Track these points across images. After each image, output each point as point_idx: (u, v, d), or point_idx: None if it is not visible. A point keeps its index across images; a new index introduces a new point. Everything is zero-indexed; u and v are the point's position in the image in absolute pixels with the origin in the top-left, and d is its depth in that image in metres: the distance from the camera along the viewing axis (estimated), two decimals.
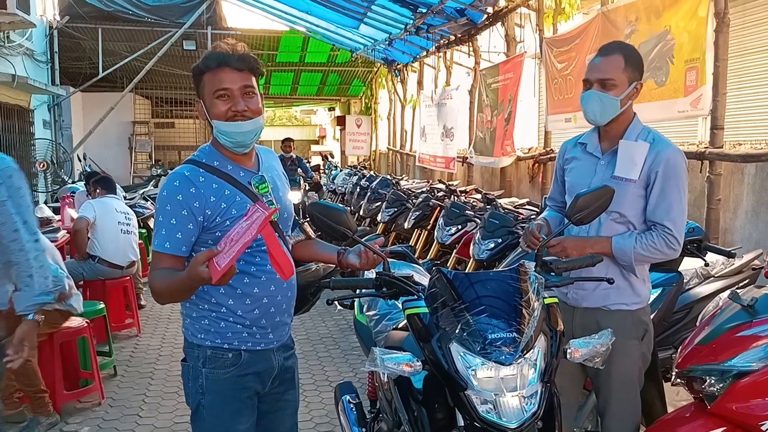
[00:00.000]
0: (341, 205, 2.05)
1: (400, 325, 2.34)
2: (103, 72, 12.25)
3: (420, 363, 1.75)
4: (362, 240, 2.02)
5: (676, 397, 3.09)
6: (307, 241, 2.09)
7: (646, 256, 2.17)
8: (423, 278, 2.46)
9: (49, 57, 11.96)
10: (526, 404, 1.65)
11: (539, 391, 1.67)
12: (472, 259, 4.61)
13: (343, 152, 17.87)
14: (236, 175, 1.86)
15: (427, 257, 5.57)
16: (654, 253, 2.16)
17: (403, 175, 11.18)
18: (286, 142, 9.93)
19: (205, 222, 1.81)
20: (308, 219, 2.02)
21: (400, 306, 1.99)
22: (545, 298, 1.80)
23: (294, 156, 9.91)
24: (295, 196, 8.17)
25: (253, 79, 1.83)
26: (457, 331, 1.69)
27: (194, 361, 1.91)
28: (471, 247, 4.63)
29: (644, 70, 4.55)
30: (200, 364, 1.89)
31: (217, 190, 1.81)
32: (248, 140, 1.84)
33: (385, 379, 2.24)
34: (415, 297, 1.87)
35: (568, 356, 1.79)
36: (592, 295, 2.21)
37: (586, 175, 2.28)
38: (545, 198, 2.67)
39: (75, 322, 3.97)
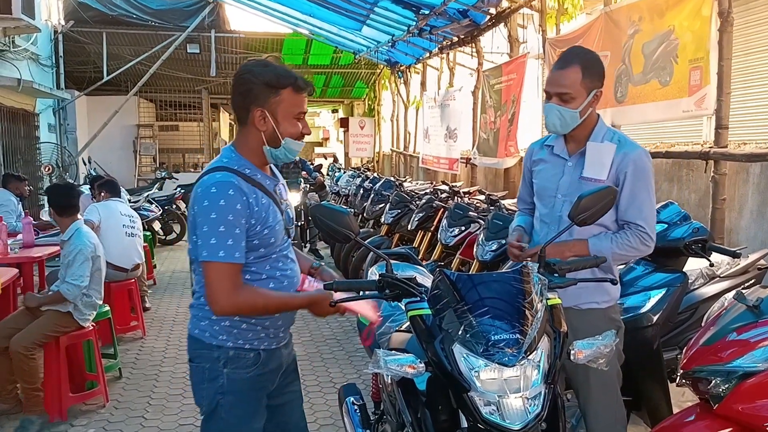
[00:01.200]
0: (344, 208, 2.05)
1: (404, 327, 2.34)
2: (107, 76, 12.32)
3: (423, 365, 1.75)
4: (365, 242, 2.03)
5: (682, 398, 3.08)
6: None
7: (622, 255, 2.26)
8: (426, 280, 2.46)
9: (54, 61, 12.03)
10: (530, 406, 1.64)
11: (543, 393, 1.66)
12: (475, 260, 4.60)
13: (346, 154, 17.89)
14: (264, 183, 1.95)
15: (431, 259, 5.57)
16: (630, 251, 2.24)
17: (407, 177, 11.17)
18: None
19: (249, 230, 1.87)
20: (308, 221, 2.09)
21: (403, 308, 1.98)
22: (548, 299, 1.80)
23: (298, 158, 9.86)
24: (294, 198, 8.05)
25: None
26: (460, 332, 1.69)
27: (212, 362, 1.94)
28: (474, 248, 4.62)
29: (648, 70, 4.54)
30: (221, 365, 1.93)
31: (257, 199, 1.89)
32: (295, 157, 2.01)
33: (389, 381, 2.24)
34: (418, 299, 1.86)
35: (571, 357, 1.78)
36: (563, 295, 2.21)
37: (554, 176, 2.35)
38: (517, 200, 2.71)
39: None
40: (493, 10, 7.57)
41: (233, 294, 1.83)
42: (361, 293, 1.94)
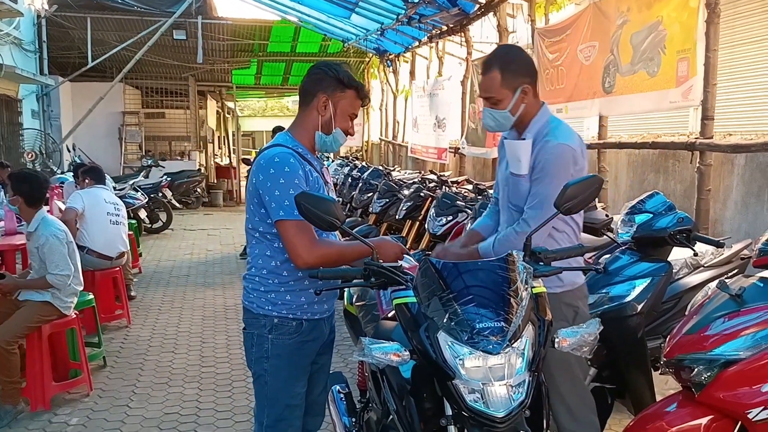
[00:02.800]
0: (330, 196, 2.04)
1: (390, 315, 2.34)
2: (92, 61, 12.12)
3: (408, 353, 1.74)
4: (352, 231, 2.02)
5: (665, 386, 3.11)
6: None
7: (504, 250, 2.20)
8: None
9: (37, 46, 11.82)
10: (514, 393, 1.64)
11: (527, 381, 1.67)
12: (427, 233, 4.60)
13: None
14: (313, 162, 2.20)
15: (419, 248, 5.57)
16: (509, 247, 2.18)
17: (395, 166, 11.15)
18: (278, 131, 9.28)
19: None
20: None
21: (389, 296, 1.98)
22: (533, 287, 1.80)
23: None
24: None
25: None
26: (444, 320, 1.68)
27: (259, 329, 2.17)
28: (426, 222, 4.62)
29: (636, 61, 4.54)
30: (266, 332, 2.16)
31: (310, 172, 2.14)
32: (337, 149, 2.34)
33: (374, 369, 2.24)
34: (404, 287, 1.86)
35: (556, 345, 1.78)
36: None
37: (505, 170, 2.44)
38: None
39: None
40: None
41: (314, 246, 2.05)
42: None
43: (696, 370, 2.20)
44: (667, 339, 2.38)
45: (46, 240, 3.78)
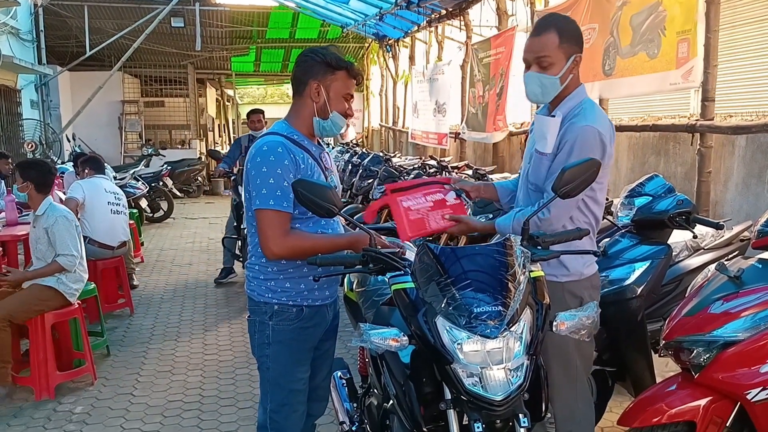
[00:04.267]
0: (326, 182, 2.03)
1: (389, 300, 2.34)
2: (90, 50, 12.06)
3: (406, 338, 1.75)
4: (351, 218, 2.03)
5: (665, 368, 3.12)
6: None
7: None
8: (411, 254, 2.45)
9: (35, 36, 11.76)
10: (512, 377, 1.65)
11: (525, 364, 1.67)
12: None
13: None
14: (311, 149, 2.19)
15: None
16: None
17: (396, 152, 11.12)
18: (255, 116, 6.68)
19: None
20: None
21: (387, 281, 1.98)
22: (531, 271, 1.80)
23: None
24: None
25: None
26: (443, 305, 1.68)
27: (261, 316, 2.20)
28: None
29: (636, 42, 4.50)
30: (267, 318, 2.19)
31: (303, 159, 2.13)
32: (338, 132, 2.28)
33: (374, 354, 2.25)
34: (402, 272, 1.86)
35: (554, 329, 1.79)
36: None
37: (530, 147, 2.36)
38: None
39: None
40: None
41: (283, 239, 2.06)
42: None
43: (695, 351, 2.21)
44: (667, 321, 2.39)
45: (56, 220, 3.83)
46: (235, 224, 6.33)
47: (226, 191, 8.85)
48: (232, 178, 6.54)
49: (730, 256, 3.21)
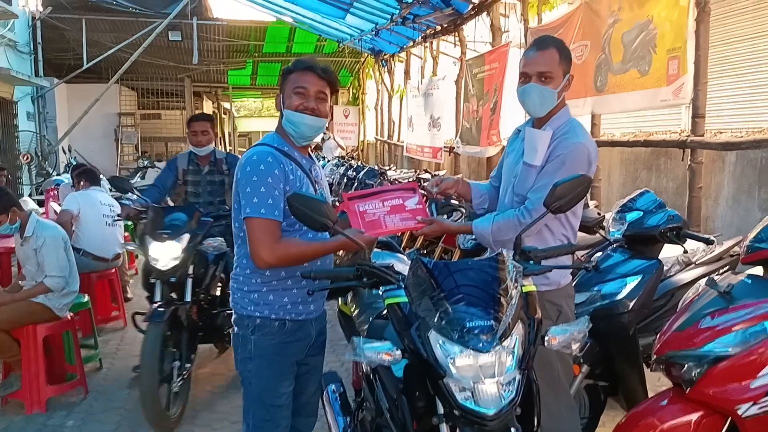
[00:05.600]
0: (321, 196, 2.05)
1: (383, 315, 2.35)
2: (87, 63, 12.11)
3: (399, 352, 1.76)
4: (343, 232, 2.03)
5: (658, 383, 3.14)
6: None
7: (501, 233, 2.31)
8: (404, 267, 2.47)
9: (32, 48, 11.81)
10: (504, 391, 1.65)
11: (517, 378, 1.68)
12: (457, 248, 4.63)
13: None
14: (301, 161, 2.18)
15: (414, 247, 5.59)
16: (507, 233, 2.25)
17: (391, 166, 11.17)
18: (198, 125, 4.40)
19: (285, 195, 2.08)
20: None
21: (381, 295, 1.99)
22: (523, 286, 1.81)
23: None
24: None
25: (329, 90, 2.18)
26: (435, 319, 1.70)
27: (243, 329, 2.18)
28: (456, 236, 4.64)
29: (628, 59, 4.58)
30: (249, 332, 2.16)
31: (293, 170, 2.13)
32: (309, 133, 2.19)
33: (367, 368, 2.26)
34: (395, 286, 1.87)
35: (545, 343, 1.80)
36: None
37: (514, 159, 2.44)
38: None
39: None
40: (475, 0, 7.56)
41: (274, 247, 2.05)
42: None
43: (686, 366, 2.22)
44: (658, 336, 2.41)
45: (44, 241, 3.81)
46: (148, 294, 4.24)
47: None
48: (145, 221, 3.99)
49: (721, 270, 3.24)
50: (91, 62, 12.10)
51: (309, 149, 2.29)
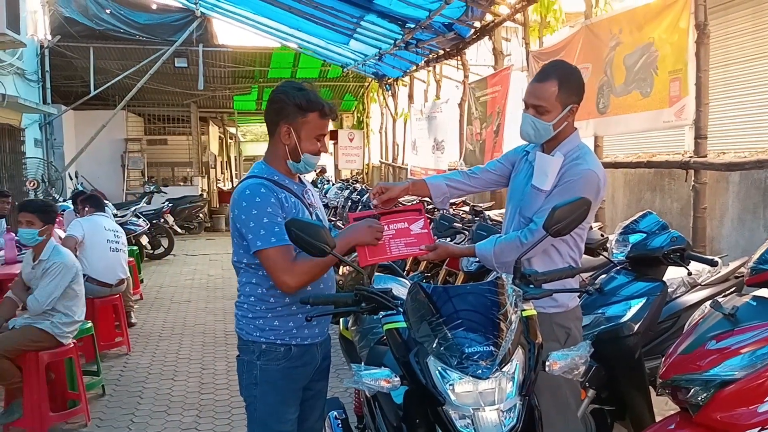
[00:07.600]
0: (317, 220, 2.05)
1: (384, 340, 2.33)
2: (95, 90, 12.26)
3: (398, 379, 1.74)
4: (341, 257, 2.03)
5: (665, 407, 3.08)
6: None
7: (504, 255, 2.28)
8: (404, 292, 2.45)
9: (40, 76, 11.97)
10: (505, 418, 1.63)
11: (518, 405, 1.66)
12: (461, 271, 4.60)
13: (336, 166, 17.89)
14: (293, 188, 2.21)
15: (418, 270, 5.56)
16: (509, 254, 2.21)
17: None
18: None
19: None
20: None
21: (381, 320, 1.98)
22: (523, 310, 1.80)
23: None
24: None
25: None
26: (434, 345, 1.68)
27: (249, 355, 2.20)
28: (460, 259, 4.62)
29: (630, 81, 4.59)
30: (255, 358, 2.18)
31: (286, 197, 2.15)
32: (312, 168, 2.29)
33: (368, 395, 2.23)
34: (394, 312, 1.86)
35: (546, 369, 1.78)
36: None
37: (522, 181, 2.42)
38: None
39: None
40: (477, 24, 7.63)
41: (293, 269, 2.07)
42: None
43: (692, 390, 2.18)
44: (663, 359, 2.37)
45: (52, 265, 3.85)
46: None
47: None
48: None
49: (727, 292, 3.21)
50: (98, 89, 12.25)
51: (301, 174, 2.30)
